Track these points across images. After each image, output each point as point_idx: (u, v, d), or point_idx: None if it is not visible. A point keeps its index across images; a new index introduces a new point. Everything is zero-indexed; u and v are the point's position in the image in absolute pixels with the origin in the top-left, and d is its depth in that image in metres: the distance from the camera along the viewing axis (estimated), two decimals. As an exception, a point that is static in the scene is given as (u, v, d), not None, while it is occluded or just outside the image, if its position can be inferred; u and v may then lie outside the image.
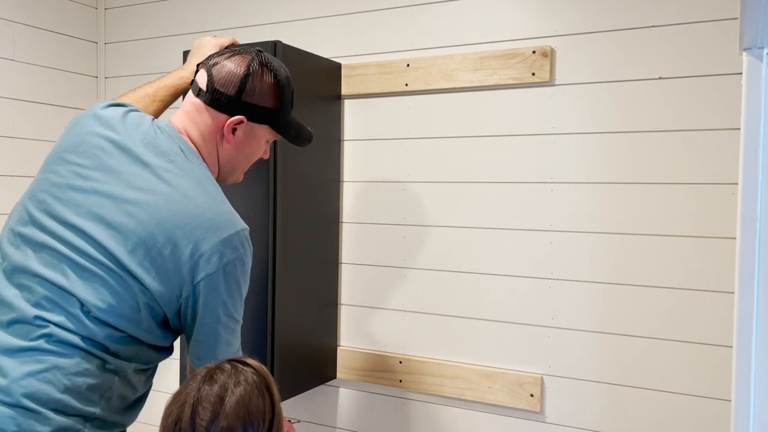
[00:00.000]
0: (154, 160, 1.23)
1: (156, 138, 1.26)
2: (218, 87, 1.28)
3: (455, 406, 1.91)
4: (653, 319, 1.66)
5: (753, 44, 1.13)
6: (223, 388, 0.96)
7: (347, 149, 2.06)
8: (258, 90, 1.30)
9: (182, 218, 1.19)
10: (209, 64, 1.31)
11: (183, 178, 1.23)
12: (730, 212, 1.58)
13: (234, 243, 1.23)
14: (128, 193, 1.20)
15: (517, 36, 1.82)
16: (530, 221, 1.80)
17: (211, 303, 1.22)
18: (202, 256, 1.19)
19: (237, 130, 1.31)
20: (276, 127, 1.36)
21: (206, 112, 1.30)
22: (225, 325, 1.25)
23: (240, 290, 1.26)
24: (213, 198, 1.25)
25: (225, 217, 1.24)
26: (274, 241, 1.75)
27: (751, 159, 1.14)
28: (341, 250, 2.06)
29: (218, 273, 1.20)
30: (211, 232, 1.20)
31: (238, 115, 1.29)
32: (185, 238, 1.19)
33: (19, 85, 2.27)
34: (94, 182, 1.22)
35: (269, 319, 1.76)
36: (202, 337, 1.24)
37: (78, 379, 1.16)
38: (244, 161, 1.39)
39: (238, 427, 0.93)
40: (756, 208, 1.14)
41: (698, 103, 1.62)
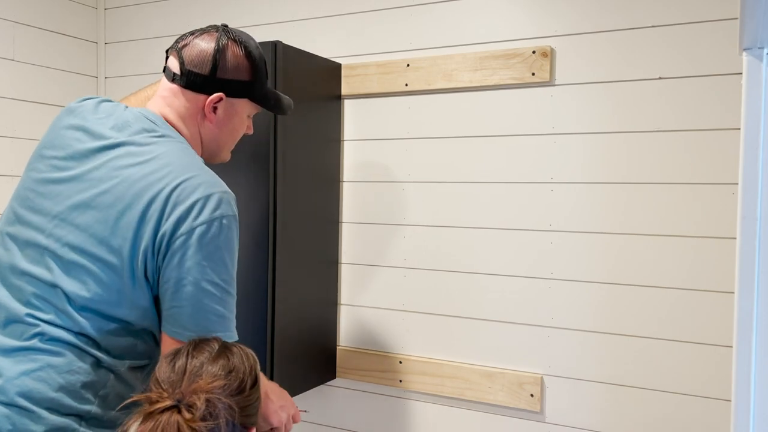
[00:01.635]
0: (127, 138, 1.23)
1: (128, 121, 1.26)
2: (191, 68, 1.28)
3: (455, 406, 1.91)
4: (653, 319, 1.67)
5: (753, 44, 1.13)
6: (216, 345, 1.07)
7: (347, 149, 2.06)
8: (231, 64, 1.29)
9: (158, 183, 1.18)
10: (178, 48, 1.30)
11: (159, 147, 1.23)
12: (730, 212, 1.58)
13: (213, 202, 1.19)
14: (103, 173, 1.20)
15: (517, 36, 1.82)
16: (530, 221, 1.80)
17: (187, 263, 1.17)
18: (180, 216, 1.17)
19: (217, 108, 1.31)
20: (255, 98, 1.36)
21: (183, 96, 1.30)
22: (205, 291, 1.18)
23: (222, 254, 1.20)
24: (192, 163, 1.24)
25: (205, 179, 1.22)
26: (274, 241, 1.75)
27: (751, 159, 1.15)
28: (341, 250, 2.06)
29: (195, 231, 1.17)
30: (187, 192, 1.18)
31: (217, 92, 1.29)
32: (163, 201, 1.17)
33: (19, 85, 2.27)
34: (71, 170, 1.22)
35: (269, 318, 1.76)
36: (179, 302, 1.18)
37: (72, 377, 1.16)
38: (228, 138, 1.38)
39: (228, 365, 1.04)
40: (756, 208, 1.14)
41: (698, 103, 1.62)
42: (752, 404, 1.15)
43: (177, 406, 0.97)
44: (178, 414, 0.96)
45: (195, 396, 0.98)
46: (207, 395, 0.98)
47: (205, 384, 0.99)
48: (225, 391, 1.01)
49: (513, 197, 1.82)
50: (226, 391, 1.01)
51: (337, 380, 2.07)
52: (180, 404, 0.98)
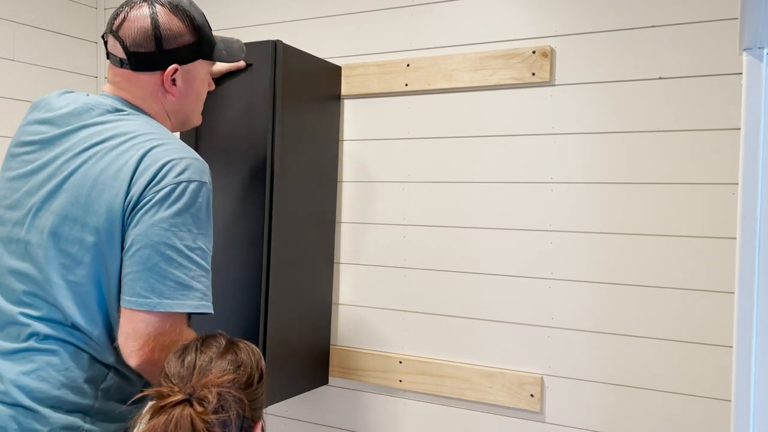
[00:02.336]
0: (90, 120, 1.23)
1: (90, 105, 1.25)
2: (136, 49, 1.24)
3: (455, 406, 1.90)
4: (653, 319, 1.66)
5: (753, 44, 1.13)
6: (223, 341, 1.09)
7: (346, 149, 2.06)
8: (174, 32, 1.26)
9: (125, 154, 1.17)
10: (113, 31, 1.26)
11: (125, 123, 1.22)
12: (730, 212, 1.58)
13: (180, 166, 1.16)
14: (70, 155, 1.20)
15: (517, 36, 1.82)
16: (530, 221, 1.80)
17: (146, 223, 1.12)
18: (147, 180, 1.14)
19: (176, 79, 1.29)
20: (206, 56, 1.33)
21: (138, 78, 1.27)
22: (166, 256, 1.12)
23: (186, 218, 1.14)
24: (160, 132, 1.22)
25: (174, 146, 1.20)
26: (269, 240, 1.75)
27: (751, 159, 1.14)
28: (339, 250, 2.06)
29: (159, 193, 1.14)
30: (154, 158, 1.16)
31: (170, 65, 1.27)
32: (131, 169, 1.15)
33: (19, 85, 2.27)
34: (39, 160, 1.22)
35: (262, 318, 1.75)
36: (135, 267, 1.12)
37: (71, 373, 1.16)
38: (195, 103, 1.37)
39: (236, 360, 1.05)
40: (756, 208, 1.14)
41: (698, 103, 1.62)
42: (752, 404, 1.15)
43: (189, 399, 0.99)
44: (191, 407, 0.98)
45: (206, 390, 1.00)
46: (218, 389, 1.00)
47: (215, 378, 1.01)
48: (235, 384, 1.03)
49: (513, 197, 1.82)
50: (235, 384, 1.03)
51: (336, 380, 2.07)
52: (192, 398, 0.99)
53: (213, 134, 1.80)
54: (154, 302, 1.12)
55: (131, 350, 1.14)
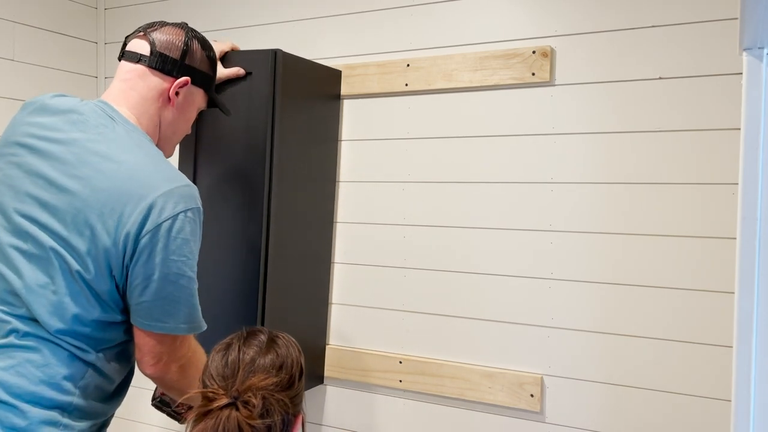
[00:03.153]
0: (82, 135, 1.24)
1: (83, 115, 1.27)
2: (163, 50, 1.32)
3: (455, 406, 1.90)
4: (653, 319, 1.66)
5: (753, 44, 1.13)
6: (265, 336, 1.11)
7: (345, 149, 2.06)
8: (197, 56, 1.37)
9: (115, 182, 1.19)
10: (146, 32, 1.35)
11: (113, 146, 1.23)
12: (730, 212, 1.58)
13: (175, 197, 1.21)
14: (59, 171, 1.21)
15: (517, 36, 1.82)
16: (530, 221, 1.80)
17: (156, 259, 1.18)
18: (141, 213, 1.18)
19: (179, 93, 1.35)
20: (209, 92, 1.43)
21: (151, 77, 1.32)
22: (174, 283, 1.21)
23: (188, 246, 1.22)
24: (149, 159, 1.25)
25: (163, 174, 1.23)
26: (267, 240, 1.75)
27: (751, 159, 1.14)
28: (337, 250, 2.06)
29: (161, 227, 1.18)
30: (148, 189, 1.19)
31: (184, 77, 1.34)
32: (121, 200, 1.18)
33: (19, 85, 2.27)
34: (28, 166, 1.23)
35: (259, 318, 1.76)
36: (149, 297, 1.20)
37: (50, 370, 1.18)
38: (183, 127, 1.42)
39: (278, 359, 1.07)
40: (756, 208, 1.14)
41: (698, 103, 1.62)
42: (752, 404, 1.15)
43: (234, 403, 1.00)
44: (237, 411, 1.00)
45: (250, 393, 1.01)
46: (262, 392, 1.02)
47: (258, 381, 1.02)
48: (278, 387, 1.05)
49: (513, 197, 1.82)
50: (279, 386, 1.05)
51: (336, 380, 2.07)
52: (237, 401, 1.01)
53: (214, 136, 1.80)
54: (171, 326, 1.23)
55: (148, 365, 1.25)
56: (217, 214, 1.81)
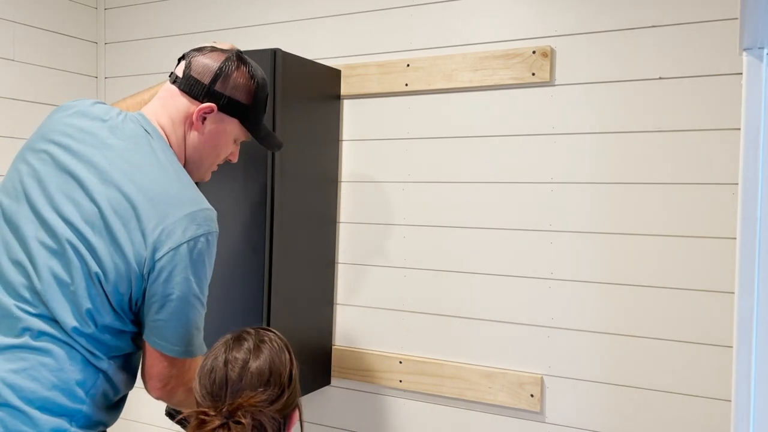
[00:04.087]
0: (118, 143, 1.25)
1: (122, 124, 1.28)
2: (193, 74, 1.31)
3: (455, 406, 1.91)
4: (653, 319, 1.66)
5: (753, 44, 1.13)
6: (251, 343, 1.10)
7: (346, 149, 2.06)
8: (232, 83, 1.32)
9: (144, 194, 1.20)
10: (189, 55, 1.34)
11: (147, 158, 1.24)
12: (730, 212, 1.58)
13: (198, 219, 1.22)
14: (91, 173, 1.21)
15: (517, 36, 1.82)
16: (530, 221, 1.80)
17: (175, 279, 1.19)
18: (164, 231, 1.18)
19: (207, 119, 1.32)
20: (246, 123, 1.37)
21: (180, 98, 1.32)
22: (191, 305, 1.22)
23: (205, 269, 1.23)
24: (177, 178, 1.26)
25: (189, 195, 1.24)
26: (270, 240, 1.75)
27: (751, 159, 1.15)
28: (339, 250, 2.06)
29: (182, 248, 1.19)
30: (174, 207, 1.20)
31: (210, 102, 1.31)
32: (147, 213, 1.19)
33: (19, 85, 2.27)
34: (61, 164, 1.23)
35: (264, 320, 1.76)
36: (165, 316, 1.21)
37: (64, 375, 1.16)
38: (211, 154, 1.38)
39: (266, 369, 1.06)
40: (756, 208, 1.14)
41: (698, 103, 1.62)
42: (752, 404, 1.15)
43: (227, 423, 1.01)
44: (229, 430, 1.00)
45: (239, 412, 1.01)
46: (252, 409, 1.02)
47: (246, 400, 1.02)
48: (266, 402, 1.04)
49: (513, 197, 1.82)
50: (267, 401, 1.04)
51: (336, 380, 2.07)
52: (229, 421, 1.01)
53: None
54: (181, 350, 1.24)
55: (155, 388, 1.26)
56: (220, 217, 1.80)
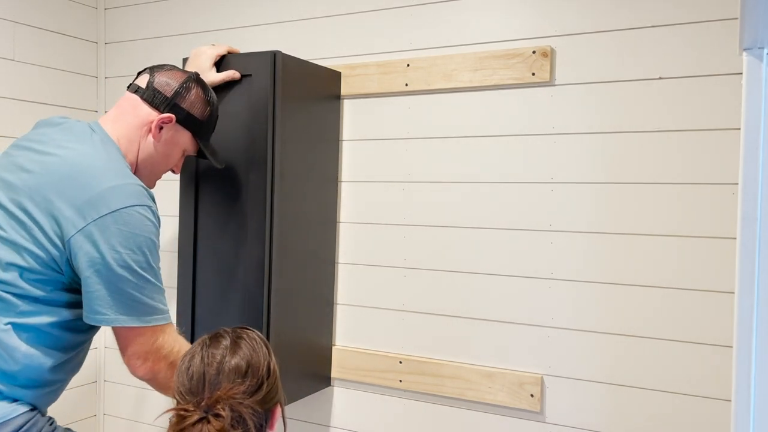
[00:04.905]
0: (60, 136, 1.35)
1: (70, 126, 1.39)
2: (157, 86, 1.46)
3: (455, 406, 1.91)
4: (653, 319, 1.67)
5: (753, 44, 1.13)
6: (228, 340, 1.11)
7: (346, 149, 2.06)
8: (190, 100, 1.48)
9: (70, 168, 1.27)
10: (152, 70, 1.49)
11: (84, 144, 1.33)
12: (730, 212, 1.58)
13: (126, 192, 1.27)
14: (27, 158, 1.32)
15: (517, 36, 1.82)
16: (530, 221, 1.80)
17: (99, 250, 1.22)
18: (89, 201, 1.23)
19: (163, 129, 1.45)
20: (198, 137, 1.53)
21: (142, 106, 1.44)
22: (119, 276, 1.23)
23: (137, 240, 1.25)
24: (108, 158, 1.33)
25: (116, 170, 1.30)
26: (270, 241, 1.75)
27: (751, 159, 1.14)
28: (339, 250, 2.06)
29: (106, 218, 1.23)
30: (98, 180, 1.26)
31: (170, 113, 1.44)
32: (71, 186, 1.25)
33: (19, 85, 2.27)
34: (10, 157, 1.35)
35: (265, 320, 1.76)
36: (94, 287, 1.24)
37: None
38: (162, 162, 1.49)
39: (243, 363, 1.07)
40: (756, 208, 1.14)
41: (698, 103, 1.62)
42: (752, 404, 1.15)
43: (206, 417, 1.02)
44: (208, 424, 1.01)
45: (219, 405, 1.02)
46: (230, 401, 1.02)
47: (225, 392, 1.03)
48: (246, 393, 1.05)
49: (513, 197, 1.82)
50: (247, 392, 1.05)
51: (336, 380, 2.07)
52: (208, 414, 1.02)
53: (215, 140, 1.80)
54: (118, 319, 1.28)
55: (136, 366, 1.31)
56: (220, 217, 1.81)
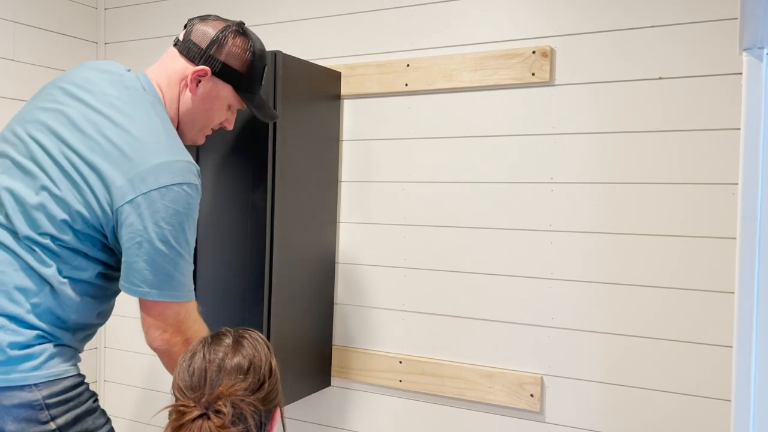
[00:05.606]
0: (110, 90, 1.32)
1: (121, 77, 1.36)
2: (192, 38, 1.40)
3: (455, 406, 1.91)
4: (653, 319, 1.67)
5: (753, 44, 1.13)
6: (230, 339, 1.11)
7: (346, 149, 2.06)
8: (228, 50, 1.39)
9: (125, 140, 1.26)
10: (192, 21, 1.42)
11: (137, 110, 1.31)
12: (730, 212, 1.58)
13: (173, 169, 1.26)
14: (80, 113, 1.29)
15: (517, 36, 1.82)
16: (530, 221, 1.80)
17: (143, 223, 1.23)
18: (138, 175, 1.23)
19: (201, 82, 1.40)
20: (239, 91, 1.43)
21: (178, 59, 1.40)
22: (159, 251, 1.24)
23: (179, 218, 1.26)
24: (164, 130, 1.31)
25: (169, 145, 1.29)
26: (271, 241, 1.75)
27: (751, 159, 1.15)
28: (339, 250, 2.06)
29: (152, 194, 1.23)
30: (151, 155, 1.25)
31: (205, 66, 1.38)
32: (123, 158, 1.24)
33: (19, 85, 2.27)
34: (57, 104, 1.31)
35: (266, 319, 1.76)
36: (132, 258, 1.25)
37: (4, 277, 1.23)
38: (202, 117, 1.44)
39: (245, 362, 1.06)
40: (756, 208, 1.14)
41: (698, 103, 1.62)
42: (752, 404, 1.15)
43: (206, 413, 1.01)
44: (209, 421, 1.00)
45: (220, 402, 1.01)
46: (231, 398, 1.02)
47: (227, 388, 1.02)
48: (247, 391, 1.04)
49: (513, 197, 1.82)
50: (248, 390, 1.04)
51: (336, 380, 2.07)
52: (208, 411, 1.01)
53: (215, 138, 1.80)
54: (150, 292, 1.28)
55: (155, 336, 1.31)
56: (220, 217, 1.81)
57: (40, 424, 1.19)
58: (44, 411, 1.20)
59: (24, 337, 1.21)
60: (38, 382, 1.20)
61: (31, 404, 1.19)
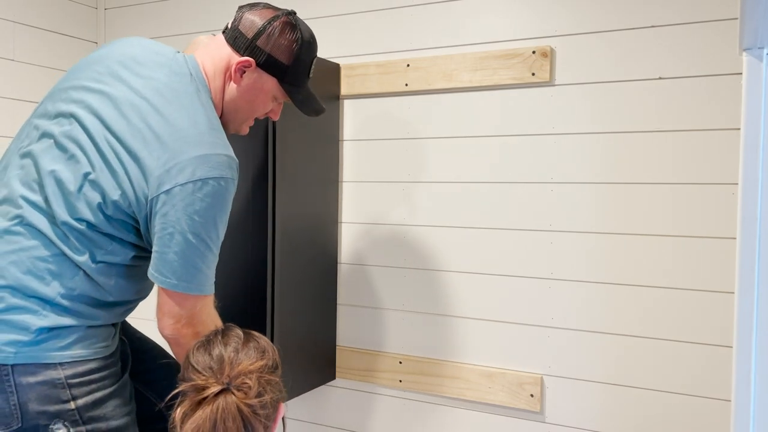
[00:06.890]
0: (157, 74, 1.29)
1: (169, 60, 1.33)
2: (240, 27, 1.35)
3: (455, 406, 1.91)
4: (653, 319, 1.67)
5: (753, 44, 1.13)
6: (239, 331, 1.15)
7: (346, 149, 2.06)
8: (274, 41, 1.34)
9: (167, 128, 1.24)
10: (242, 8, 1.38)
11: (183, 98, 1.28)
12: (730, 212, 1.58)
13: (211, 162, 1.24)
14: (127, 99, 1.26)
15: (516, 36, 1.82)
16: (530, 221, 1.80)
17: (177, 215, 1.22)
18: (176, 166, 1.22)
19: (245, 73, 1.36)
20: (284, 84, 1.39)
21: (225, 48, 1.36)
22: (190, 243, 1.23)
23: (213, 212, 1.25)
24: (207, 120, 1.29)
25: (210, 138, 1.27)
26: (273, 241, 1.75)
27: (751, 159, 1.15)
28: (341, 249, 2.06)
29: (188, 186, 1.22)
30: (190, 146, 1.23)
31: (249, 57, 1.34)
32: (162, 147, 1.23)
33: (19, 85, 2.27)
34: (103, 85, 1.29)
35: (269, 319, 1.76)
36: (162, 248, 1.24)
37: (39, 263, 1.22)
38: (246, 108, 1.41)
39: (260, 346, 1.11)
40: (756, 208, 1.14)
41: (698, 103, 1.62)
42: (752, 404, 1.15)
43: (228, 388, 1.03)
44: (233, 395, 1.02)
45: (244, 377, 1.04)
46: (257, 374, 1.05)
47: (248, 365, 1.06)
48: (266, 369, 1.09)
49: (513, 197, 1.82)
50: (266, 369, 1.09)
51: (336, 380, 2.07)
52: (230, 386, 1.03)
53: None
54: (177, 284, 1.27)
55: (167, 325, 1.29)
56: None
57: (60, 403, 1.20)
58: (66, 390, 1.20)
59: (54, 320, 1.21)
60: (63, 361, 1.20)
61: (53, 382, 1.19)
